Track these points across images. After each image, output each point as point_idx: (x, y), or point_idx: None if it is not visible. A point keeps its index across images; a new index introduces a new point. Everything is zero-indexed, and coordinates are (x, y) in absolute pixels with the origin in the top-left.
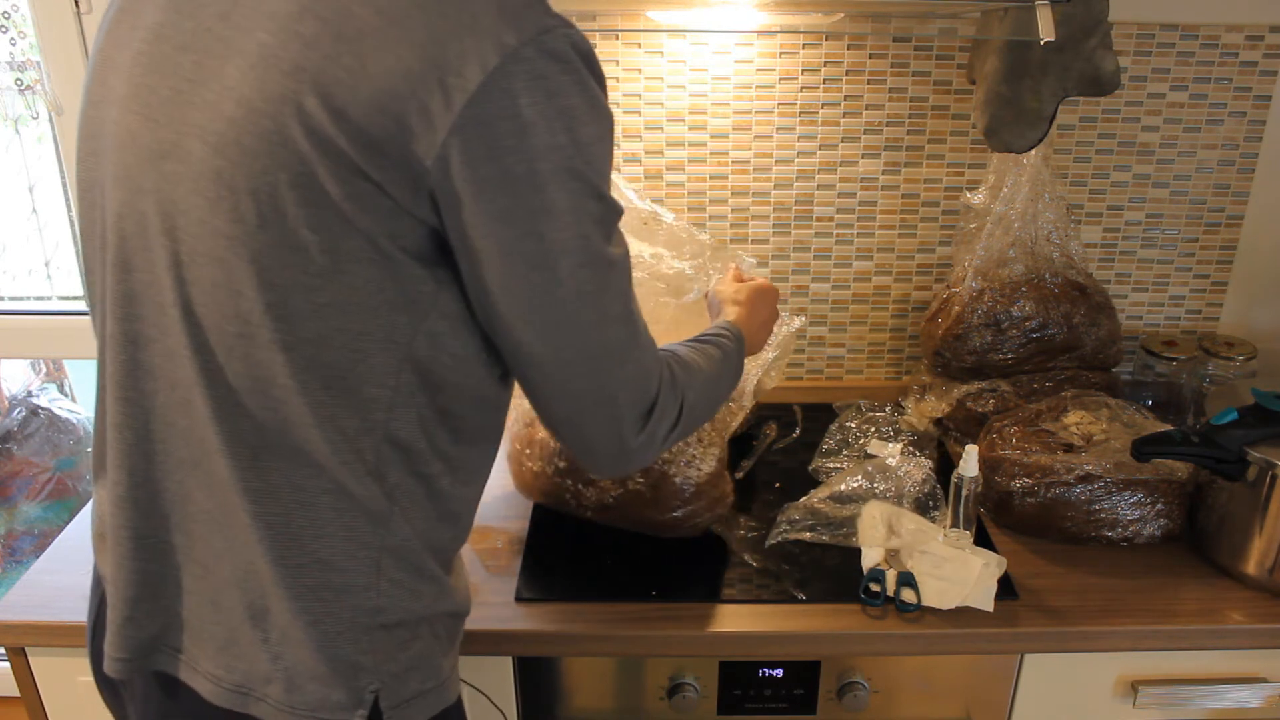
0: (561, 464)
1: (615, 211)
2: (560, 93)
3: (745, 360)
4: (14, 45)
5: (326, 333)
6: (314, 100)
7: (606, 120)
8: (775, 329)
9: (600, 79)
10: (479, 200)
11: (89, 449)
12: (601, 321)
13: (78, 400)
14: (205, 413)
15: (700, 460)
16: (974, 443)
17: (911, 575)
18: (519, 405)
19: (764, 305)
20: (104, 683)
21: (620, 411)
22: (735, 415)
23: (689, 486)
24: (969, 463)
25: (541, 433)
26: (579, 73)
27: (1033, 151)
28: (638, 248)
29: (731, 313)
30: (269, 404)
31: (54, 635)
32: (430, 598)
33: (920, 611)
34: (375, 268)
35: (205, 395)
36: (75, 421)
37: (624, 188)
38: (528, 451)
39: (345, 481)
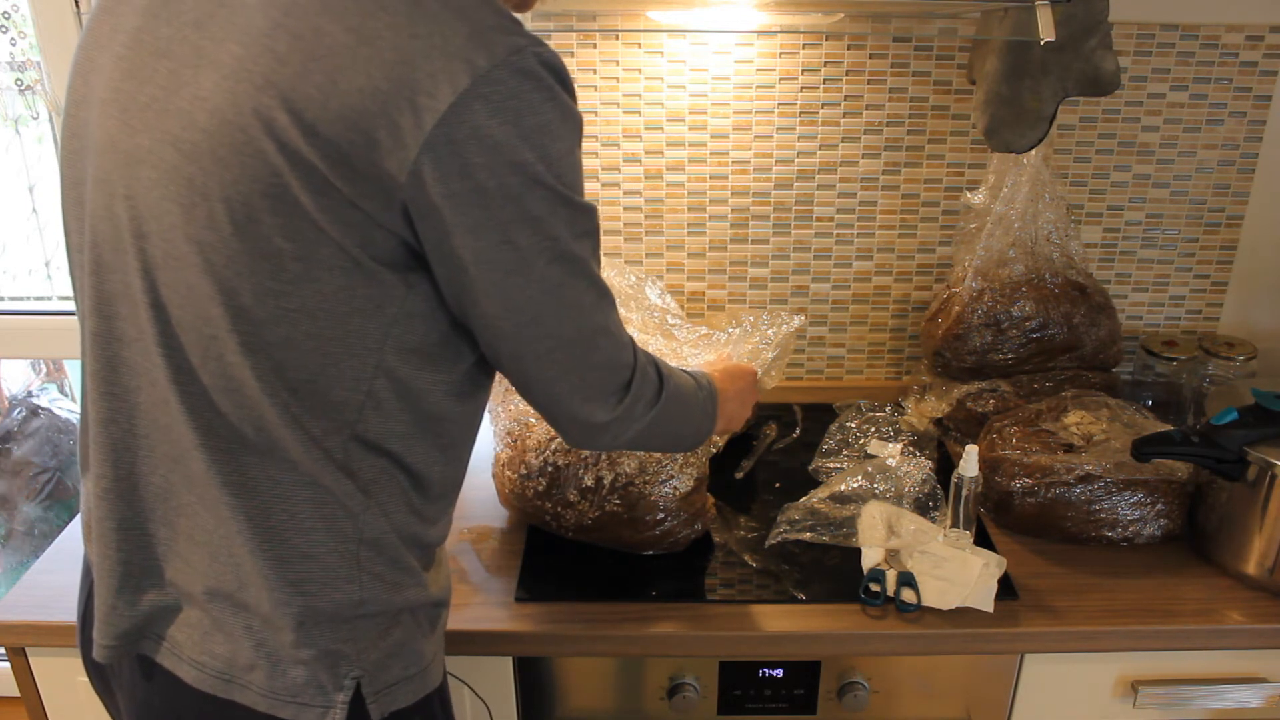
0: (540, 486)
1: (584, 211)
2: (531, 110)
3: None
4: (14, 45)
5: (295, 337)
6: (285, 116)
7: (577, 130)
8: (774, 336)
9: (571, 90)
10: (452, 214)
11: None
12: (573, 311)
13: (78, 400)
14: (180, 411)
15: (677, 479)
16: (974, 443)
17: (911, 575)
18: (497, 424)
19: (739, 377)
20: (94, 671)
21: (594, 392)
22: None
23: (665, 506)
24: (969, 463)
25: (516, 454)
26: (551, 88)
27: (1033, 151)
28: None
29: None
30: (241, 404)
31: (54, 635)
32: (410, 589)
33: (920, 611)
34: (346, 275)
35: (178, 394)
36: (75, 421)
37: (650, 294)
38: (508, 474)
39: (319, 477)
